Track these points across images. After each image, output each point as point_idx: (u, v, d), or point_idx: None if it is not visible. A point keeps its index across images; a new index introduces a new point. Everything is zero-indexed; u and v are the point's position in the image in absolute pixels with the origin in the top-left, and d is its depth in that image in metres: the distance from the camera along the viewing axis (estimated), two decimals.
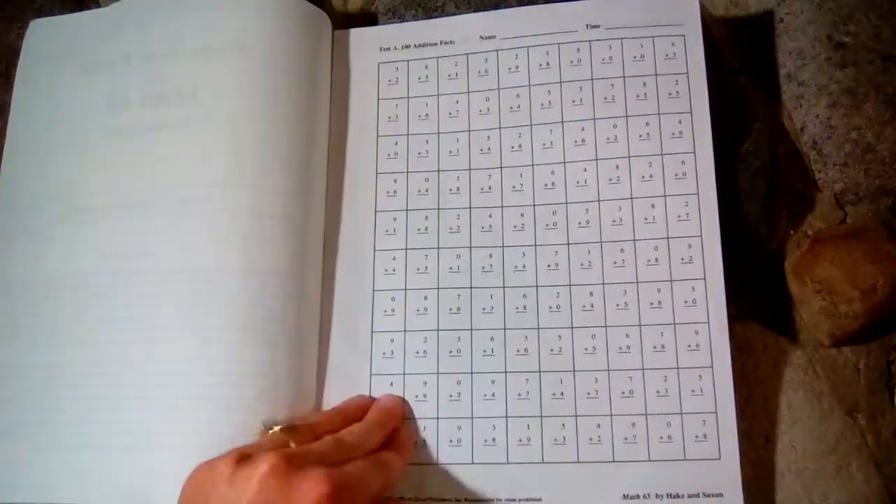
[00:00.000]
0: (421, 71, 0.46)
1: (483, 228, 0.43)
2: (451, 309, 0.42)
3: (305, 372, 0.42)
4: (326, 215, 0.45)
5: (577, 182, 0.43)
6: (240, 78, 0.44)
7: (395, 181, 0.45)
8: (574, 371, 0.41)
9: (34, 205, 0.45)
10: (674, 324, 0.40)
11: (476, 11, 0.47)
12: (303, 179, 0.43)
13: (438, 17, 0.48)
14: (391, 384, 0.42)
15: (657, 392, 0.40)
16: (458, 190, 0.44)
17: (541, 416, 0.40)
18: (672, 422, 0.39)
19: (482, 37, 0.46)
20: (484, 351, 0.41)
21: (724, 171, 0.43)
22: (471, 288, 0.43)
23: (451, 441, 0.40)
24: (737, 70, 0.45)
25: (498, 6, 0.47)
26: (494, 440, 0.40)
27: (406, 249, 0.44)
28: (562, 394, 0.40)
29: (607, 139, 0.43)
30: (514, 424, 0.40)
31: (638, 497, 0.39)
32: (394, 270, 0.43)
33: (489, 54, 0.46)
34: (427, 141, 0.45)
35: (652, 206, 0.42)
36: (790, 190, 0.45)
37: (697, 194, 0.42)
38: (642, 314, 0.41)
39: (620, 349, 0.40)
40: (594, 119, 0.44)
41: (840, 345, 0.43)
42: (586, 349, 0.41)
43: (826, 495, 0.40)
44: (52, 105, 0.47)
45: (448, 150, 0.45)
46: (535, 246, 0.43)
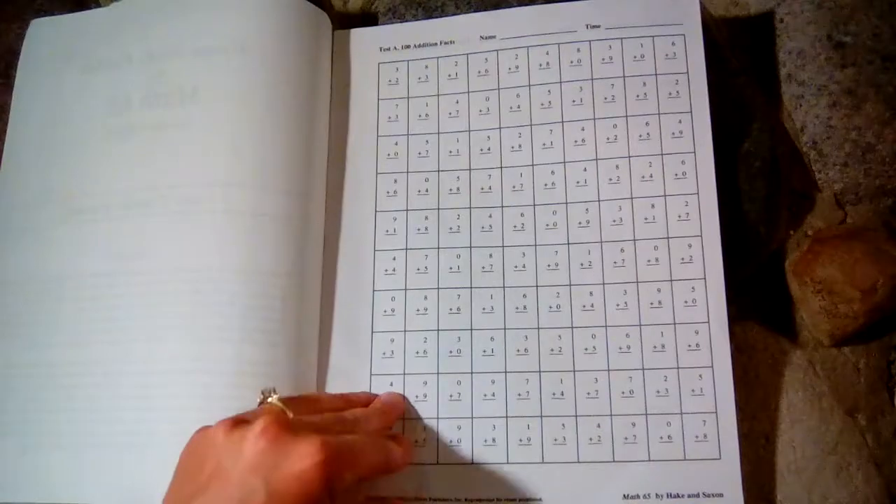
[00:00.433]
0: (421, 71, 0.46)
1: (483, 228, 0.43)
2: (451, 309, 0.42)
3: (305, 371, 0.42)
4: (327, 215, 0.45)
5: (577, 182, 0.43)
6: (240, 78, 0.44)
7: (396, 181, 0.45)
8: (574, 371, 0.41)
9: (35, 205, 0.45)
10: (674, 324, 0.40)
11: (476, 11, 0.47)
12: (303, 179, 0.43)
13: (438, 18, 0.48)
14: (391, 384, 0.42)
15: (657, 392, 0.40)
16: (458, 190, 0.44)
17: (541, 416, 0.40)
18: (672, 422, 0.39)
19: (482, 37, 0.46)
20: (484, 351, 0.41)
21: (724, 171, 0.43)
22: (471, 288, 0.43)
23: (451, 441, 0.40)
24: (737, 70, 0.45)
25: (498, 6, 0.47)
26: (494, 440, 0.40)
27: (406, 249, 0.44)
28: (562, 394, 0.40)
29: (607, 139, 0.43)
30: (515, 424, 0.40)
31: (638, 497, 0.39)
32: (394, 270, 0.43)
33: (489, 54, 0.46)
34: (427, 141, 0.45)
35: (652, 206, 0.42)
36: (790, 190, 0.45)
37: (697, 194, 0.42)
38: (642, 314, 0.41)
39: (620, 349, 0.40)
40: (594, 119, 0.44)
41: (840, 345, 0.43)
42: (586, 349, 0.41)
43: (826, 495, 0.40)
44: (53, 105, 0.47)
45: (448, 150, 0.45)
46: (535, 246, 0.43)
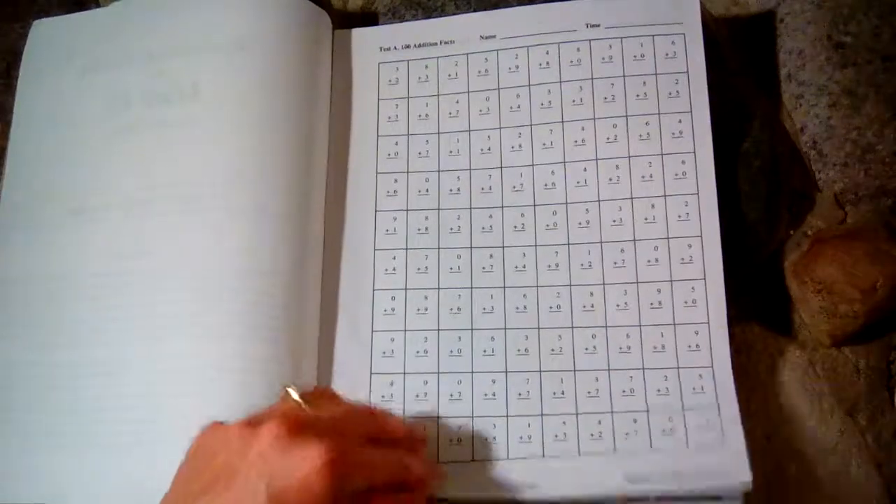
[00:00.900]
0: (421, 71, 0.46)
1: (483, 228, 0.43)
2: (452, 309, 0.42)
3: (306, 368, 0.42)
4: (327, 215, 0.45)
5: (577, 182, 0.43)
6: (240, 77, 0.44)
7: (396, 181, 0.45)
8: (574, 371, 0.41)
9: (37, 204, 0.45)
10: (674, 324, 0.40)
11: (476, 11, 0.47)
12: (303, 177, 0.44)
13: (438, 18, 0.48)
14: (391, 383, 0.41)
15: (658, 391, 0.40)
16: (459, 190, 0.44)
17: (541, 415, 0.40)
18: (674, 417, 0.39)
19: (482, 36, 0.46)
20: (484, 350, 0.41)
21: (724, 171, 0.43)
22: (471, 288, 0.42)
23: (452, 440, 0.40)
24: (737, 70, 0.45)
25: (497, 6, 0.47)
26: (495, 438, 0.40)
27: (406, 249, 0.44)
28: (563, 393, 0.40)
29: (607, 139, 0.43)
30: (515, 423, 0.40)
31: (637, 500, 0.38)
32: (394, 270, 0.43)
33: (489, 54, 0.46)
34: (427, 141, 0.45)
35: (652, 206, 0.42)
36: (790, 190, 0.45)
37: (697, 194, 0.42)
38: (642, 315, 0.41)
39: (621, 349, 0.40)
40: (594, 119, 0.44)
41: (840, 345, 0.43)
42: (586, 349, 0.41)
43: (826, 495, 0.40)
44: (55, 105, 0.47)
45: (448, 150, 0.45)
46: (536, 246, 0.43)
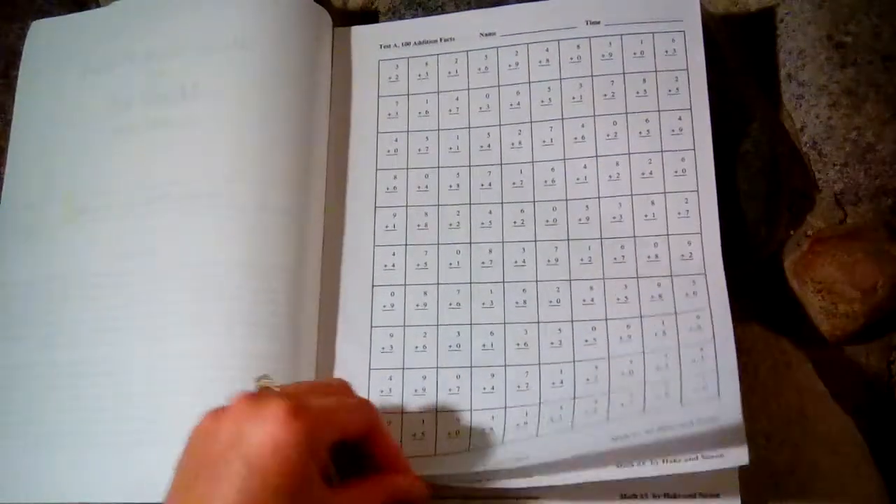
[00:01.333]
0: (421, 68, 0.46)
1: (483, 224, 0.43)
2: (451, 304, 0.42)
3: (305, 365, 0.41)
4: (326, 211, 0.45)
5: (577, 179, 0.43)
6: (241, 75, 0.44)
7: (395, 177, 0.45)
8: (574, 362, 0.40)
9: (38, 205, 0.45)
10: (675, 313, 0.40)
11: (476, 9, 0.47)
12: (303, 175, 0.43)
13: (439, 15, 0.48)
14: (390, 378, 0.41)
15: (657, 367, 0.39)
16: (458, 186, 0.44)
17: (539, 404, 0.40)
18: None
19: (482, 34, 0.46)
20: (483, 345, 0.41)
21: (724, 171, 0.43)
22: (470, 283, 0.42)
23: (450, 434, 0.40)
24: (737, 70, 0.45)
25: (498, 4, 0.47)
26: (492, 429, 0.40)
27: (406, 245, 0.44)
28: (561, 382, 0.40)
29: (607, 136, 0.43)
30: (512, 413, 0.40)
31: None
32: (393, 266, 0.43)
33: (489, 51, 0.46)
34: (427, 138, 0.45)
35: (652, 203, 0.42)
36: (790, 190, 0.45)
37: (697, 191, 0.42)
38: (643, 309, 0.40)
39: (621, 339, 0.40)
40: (594, 116, 0.44)
41: (840, 345, 0.43)
42: (586, 341, 0.40)
43: (826, 495, 0.40)
44: (55, 105, 0.47)
45: (448, 147, 0.45)
46: (535, 242, 0.43)
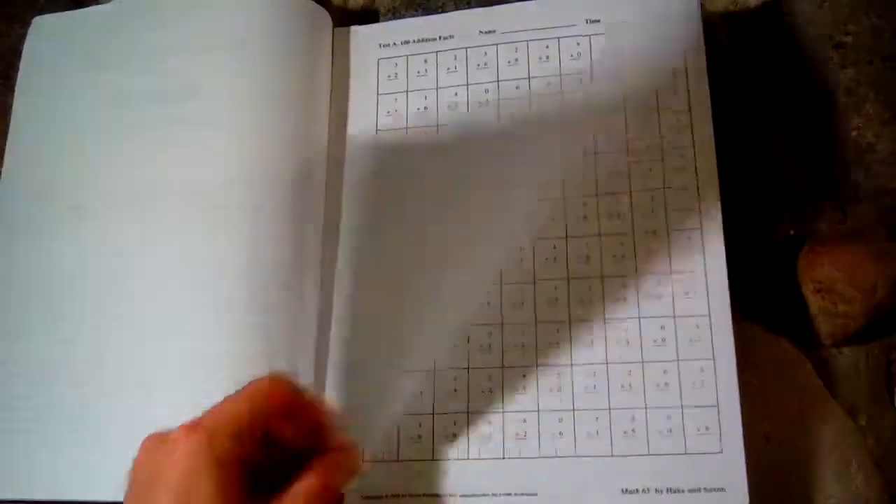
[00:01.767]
0: (420, 65, 0.46)
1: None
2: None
3: (303, 364, 0.41)
4: (326, 211, 0.45)
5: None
6: (241, 74, 0.45)
7: None
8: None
9: (38, 203, 0.45)
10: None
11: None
12: (302, 176, 0.43)
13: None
14: None
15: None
16: None
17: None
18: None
19: (482, 31, 0.46)
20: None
21: (724, 171, 0.42)
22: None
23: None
24: (737, 69, 0.45)
25: (498, 3, 0.47)
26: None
27: None
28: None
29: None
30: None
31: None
32: None
33: (488, 48, 0.46)
34: (425, 134, 0.45)
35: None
36: (790, 190, 0.45)
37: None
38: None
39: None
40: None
41: (840, 345, 0.43)
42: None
43: (826, 495, 0.40)
44: (55, 103, 0.47)
45: None
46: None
